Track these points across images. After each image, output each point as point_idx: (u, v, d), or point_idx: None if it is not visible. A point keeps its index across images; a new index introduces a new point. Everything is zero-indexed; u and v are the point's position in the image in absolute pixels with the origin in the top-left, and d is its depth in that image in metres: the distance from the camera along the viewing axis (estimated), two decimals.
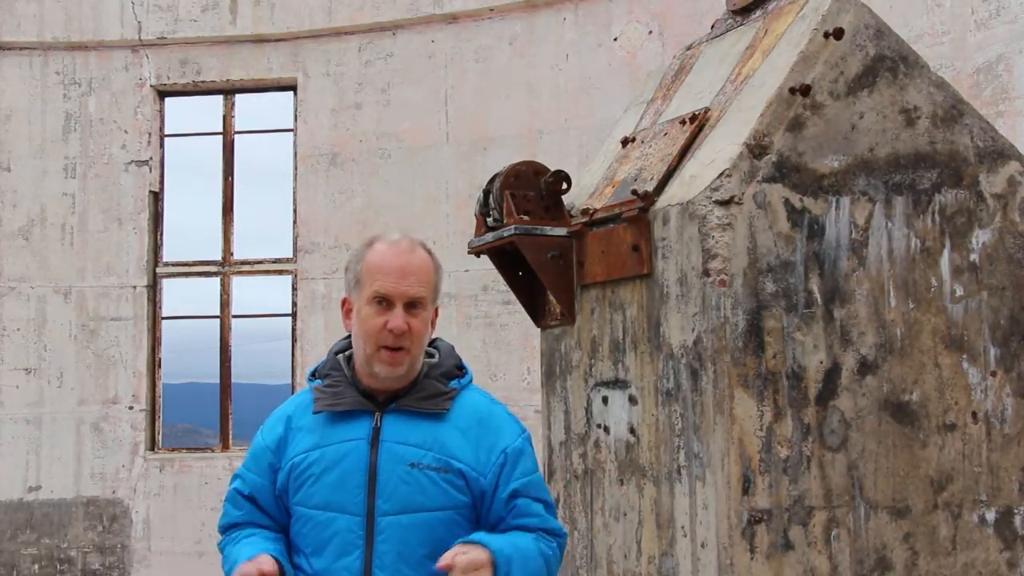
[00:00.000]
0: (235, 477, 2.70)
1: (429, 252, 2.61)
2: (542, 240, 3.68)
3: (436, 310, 2.64)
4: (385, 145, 9.16)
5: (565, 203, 3.80)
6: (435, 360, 2.65)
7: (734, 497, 3.05)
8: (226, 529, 2.69)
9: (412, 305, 2.53)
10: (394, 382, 2.56)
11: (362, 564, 2.49)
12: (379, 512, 2.50)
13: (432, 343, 2.69)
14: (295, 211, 9.42)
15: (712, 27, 4.11)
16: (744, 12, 3.86)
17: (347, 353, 2.66)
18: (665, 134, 3.65)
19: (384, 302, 2.52)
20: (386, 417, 2.55)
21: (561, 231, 3.71)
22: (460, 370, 2.68)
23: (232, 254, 9.71)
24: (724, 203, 3.12)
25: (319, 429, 2.58)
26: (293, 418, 2.64)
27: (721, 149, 3.26)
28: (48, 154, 9.47)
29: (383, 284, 2.52)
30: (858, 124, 3.28)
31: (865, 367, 3.20)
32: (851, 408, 3.17)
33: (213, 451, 9.58)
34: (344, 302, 2.64)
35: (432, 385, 2.60)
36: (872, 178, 3.27)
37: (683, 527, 3.21)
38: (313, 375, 2.67)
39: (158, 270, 9.54)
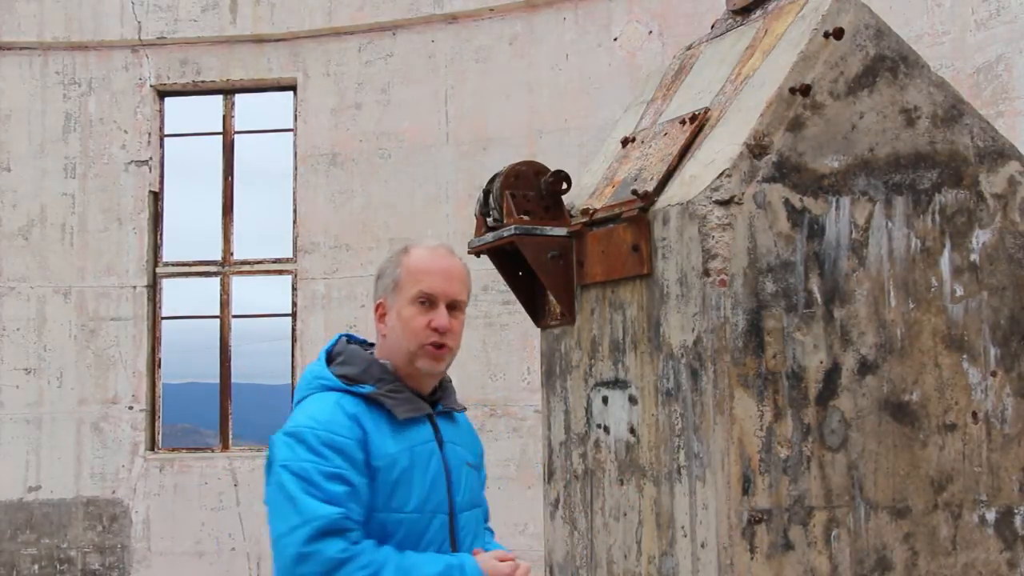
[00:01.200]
0: (332, 476, 2.44)
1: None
2: (542, 240, 3.68)
3: None
4: (385, 145, 9.16)
5: (565, 203, 3.79)
6: None
7: (734, 497, 3.05)
8: (341, 530, 2.40)
9: (453, 306, 2.64)
10: (433, 379, 2.67)
11: None
12: (458, 508, 2.64)
13: None
14: (295, 211, 9.42)
15: (712, 27, 4.11)
16: (744, 12, 3.86)
17: (381, 361, 2.66)
18: (665, 134, 3.65)
19: (428, 302, 2.61)
20: (437, 419, 2.68)
21: (561, 231, 3.71)
22: None
23: (232, 254, 9.71)
24: (724, 203, 3.12)
25: (390, 433, 2.56)
26: (360, 419, 2.53)
27: (721, 149, 3.26)
28: (48, 154, 9.47)
29: (430, 284, 2.61)
30: (858, 124, 3.28)
31: (865, 367, 3.20)
32: (851, 408, 3.16)
33: (213, 451, 9.58)
34: (378, 307, 2.69)
35: (448, 384, 2.77)
36: (872, 178, 3.27)
37: (683, 527, 3.21)
38: (347, 379, 2.60)
39: (158, 270, 9.55)
